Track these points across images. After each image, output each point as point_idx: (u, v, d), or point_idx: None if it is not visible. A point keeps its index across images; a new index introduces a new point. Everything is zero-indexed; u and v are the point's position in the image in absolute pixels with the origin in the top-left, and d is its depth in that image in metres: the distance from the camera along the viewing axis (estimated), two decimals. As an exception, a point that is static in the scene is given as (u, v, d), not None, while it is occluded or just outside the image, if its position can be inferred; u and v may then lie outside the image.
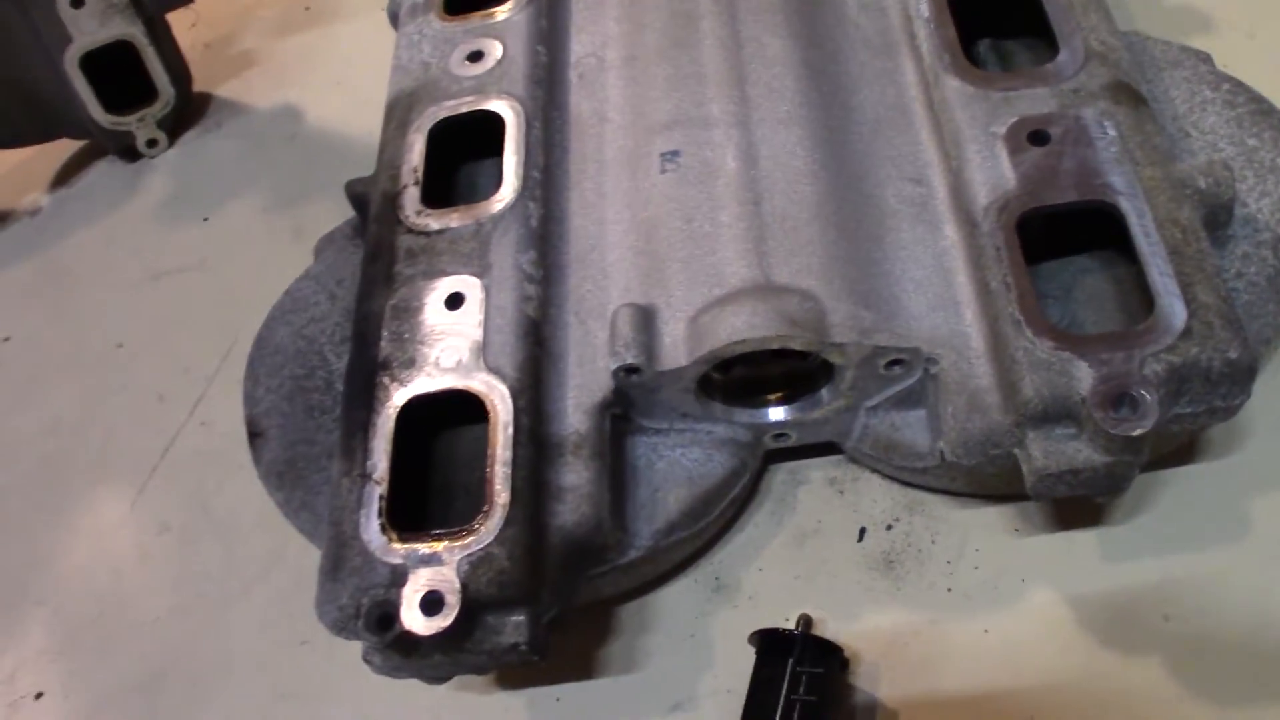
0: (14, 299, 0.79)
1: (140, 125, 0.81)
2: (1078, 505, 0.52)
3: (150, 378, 0.71)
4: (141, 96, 0.80)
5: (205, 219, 0.78)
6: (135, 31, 0.77)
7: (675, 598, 0.54)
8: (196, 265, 0.76)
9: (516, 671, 0.53)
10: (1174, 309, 0.43)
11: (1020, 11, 0.54)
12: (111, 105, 0.79)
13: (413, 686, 0.50)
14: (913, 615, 0.51)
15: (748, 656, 0.49)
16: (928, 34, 0.53)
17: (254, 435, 0.54)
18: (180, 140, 0.83)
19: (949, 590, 0.51)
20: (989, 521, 0.53)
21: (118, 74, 0.78)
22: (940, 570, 0.52)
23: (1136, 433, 0.41)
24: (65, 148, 0.86)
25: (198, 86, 0.85)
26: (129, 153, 0.83)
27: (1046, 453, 0.43)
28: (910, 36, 0.55)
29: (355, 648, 0.51)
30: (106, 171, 0.84)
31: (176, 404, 0.69)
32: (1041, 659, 0.49)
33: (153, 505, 0.66)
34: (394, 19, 0.66)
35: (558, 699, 0.52)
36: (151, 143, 0.82)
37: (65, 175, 0.85)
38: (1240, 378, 0.43)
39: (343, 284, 0.57)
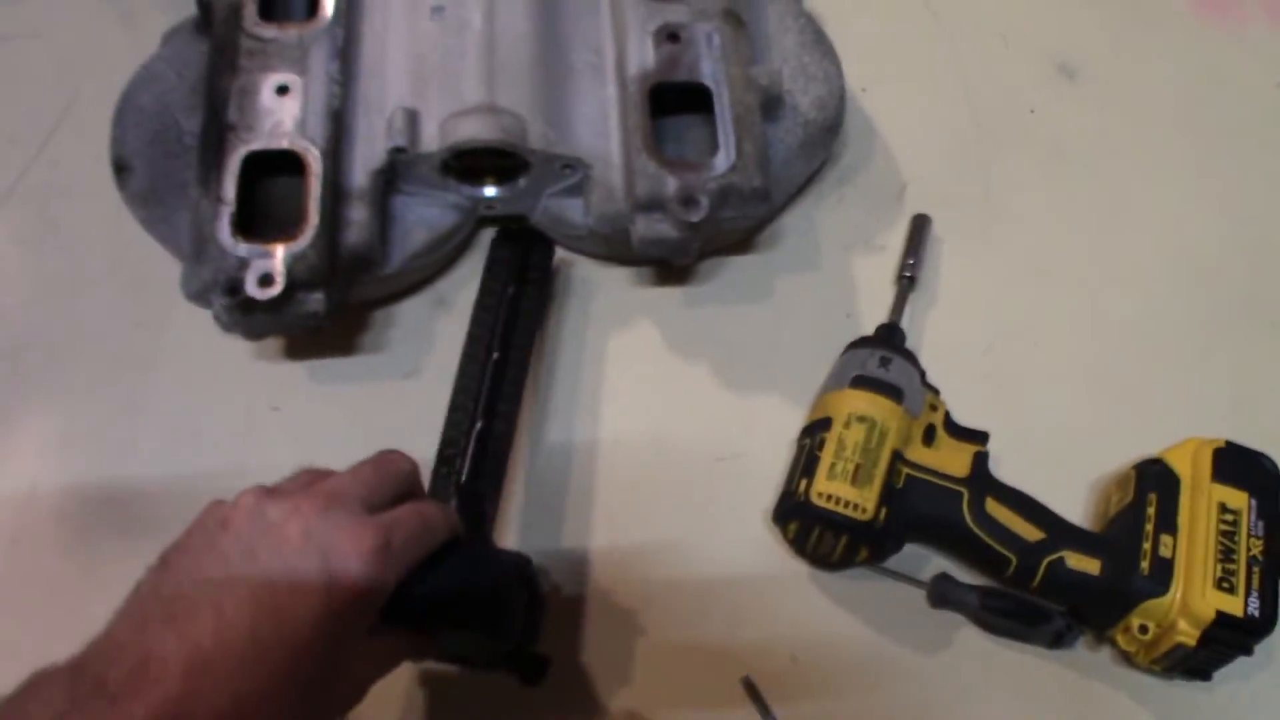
0: None
1: (-21, -98, 1.00)
2: (674, 272, 0.86)
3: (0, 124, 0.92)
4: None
5: (38, -4, 0.98)
6: None
7: (412, 308, 0.84)
8: (32, 34, 0.95)
9: (305, 343, 0.81)
10: (727, 151, 0.77)
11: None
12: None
13: (222, 353, 0.79)
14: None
15: (457, 345, 0.82)
16: (616, -48, 0.83)
17: (121, 169, 0.79)
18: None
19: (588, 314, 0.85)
20: (617, 275, 0.86)
21: None
22: (577, 294, 0.85)
23: (694, 219, 0.75)
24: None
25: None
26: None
27: (645, 228, 0.76)
28: (606, -51, 0.85)
29: (179, 330, 0.79)
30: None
31: (24, 145, 0.90)
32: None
33: (8, 225, 0.87)
34: None
35: (326, 366, 0.82)
36: (-16, -83, 1.01)
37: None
38: (760, 196, 0.77)
39: (188, 66, 0.82)
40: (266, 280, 0.71)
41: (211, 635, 0.47)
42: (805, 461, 0.74)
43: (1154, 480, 0.74)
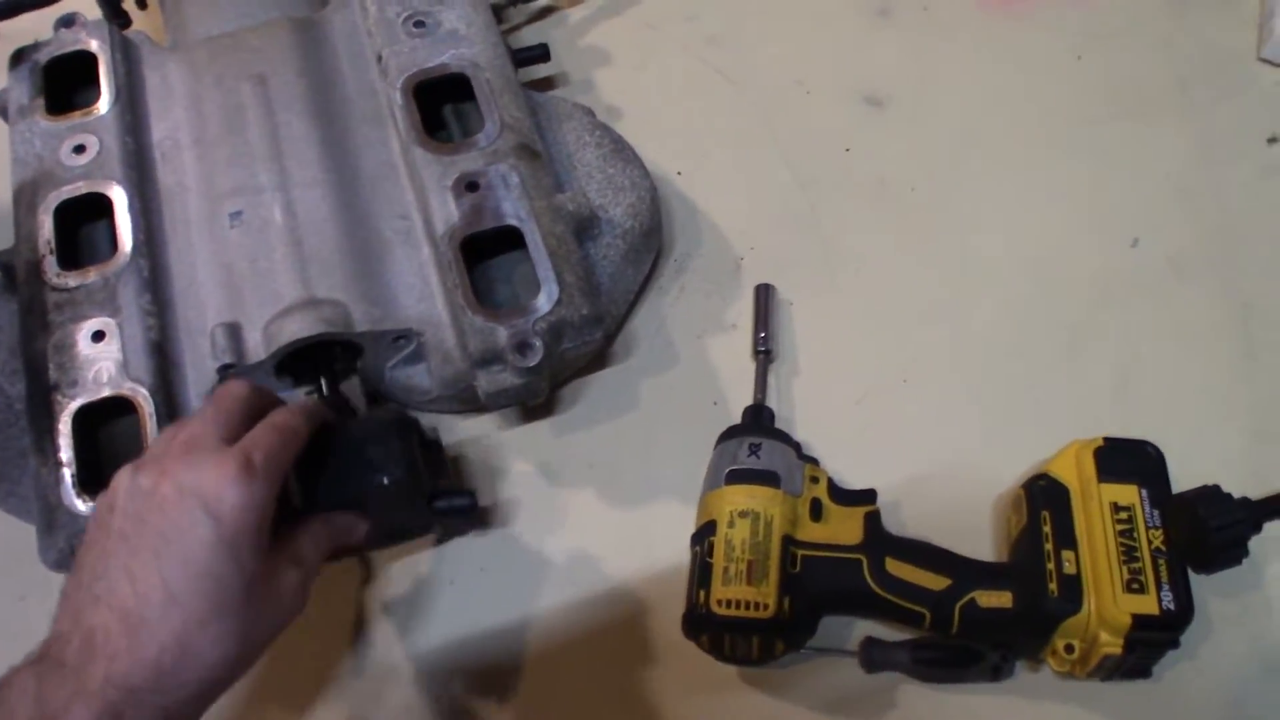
0: None
1: None
2: (537, 408, 0.86)
3: None
4: None
5: None
6: None
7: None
8: None
9: None
10: (551, 288, 0.77)
11: (465, 89, 0.87)
12: None
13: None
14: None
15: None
16: (402, 116, 0.84)
17: (-45, 450, 0.78)
18: None
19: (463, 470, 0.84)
20: (482, 424, 0.86)
21: None
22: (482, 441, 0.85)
23: (532, 364, 0.75)
24: None
25: None
26: None
27: (488, 382, 0.76)
28: (392, 115, 0.85)
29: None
30: None
31: None
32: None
33: None
34: (3, 113, 0.89)
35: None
36: None
37: None
38: (593, 322, 0.78)
39: (2, 330, 0.82)
40: (124, 536, 0.70)
41: (133, 597, 0.56)
42: (700, 570, 0.73)
43: (1043, 497, 0.75)
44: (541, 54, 0.94)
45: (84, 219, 0.84)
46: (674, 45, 1.05)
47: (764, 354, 0.86)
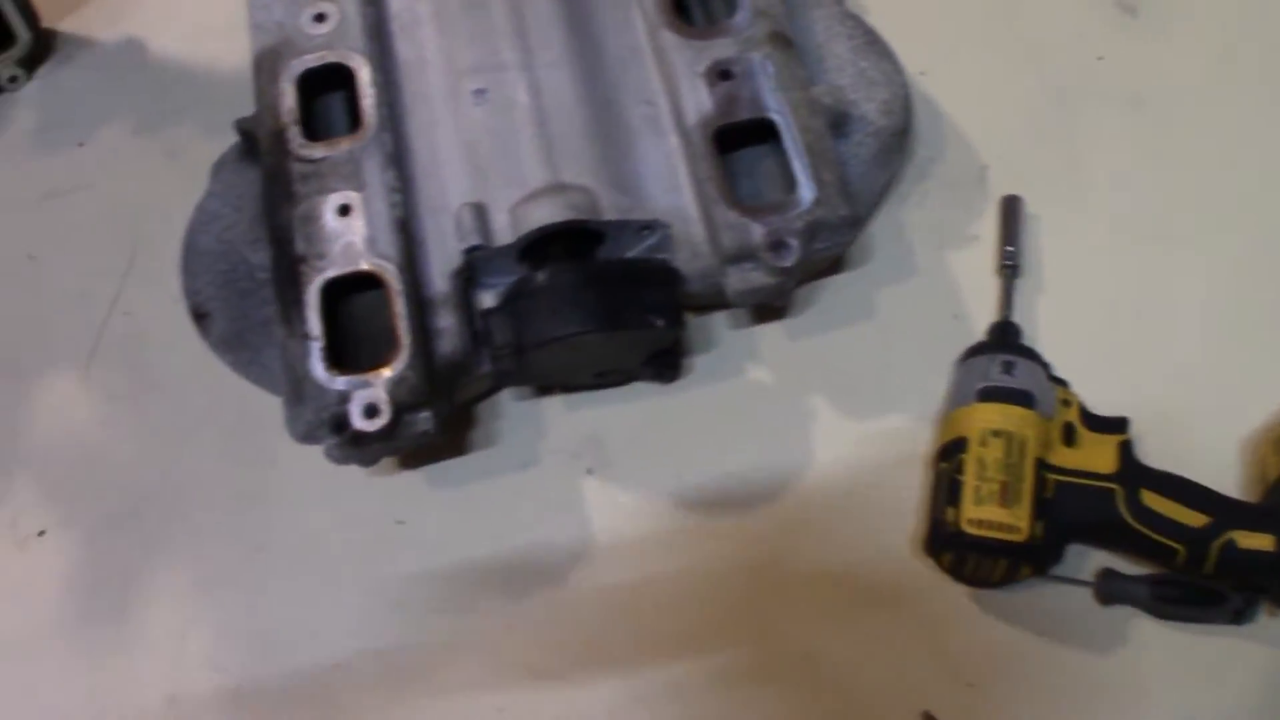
0: (-87, 224, 0.97)
1: (2, 66, 0.99)
2: (771, 308, 0.83)
3: (67, 281, 0.90)
4: (-1, 35, 0.98)
5: (80, 144, 0.96)
6: (-7, -12, 0.94)
7: (514, 394, 0.82)
8: (83, 185, 0.94)
9: (417, 454, 0.80)
10: (807, 186, 0.73)
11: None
12: (-27, 50, 0.97)
13: (338, 476, 0.78)
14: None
15: (569, 428, 0.80)
16: (650, -2, 0.80)
17: (200, 317, 0.78)
18: (37, 74, 1.00)
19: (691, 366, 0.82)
20: (712, 322, 0.83)
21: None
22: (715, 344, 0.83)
23: (788, 263, 0.72)
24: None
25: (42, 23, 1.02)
26: (-9, 88, 1.00)
27: (739, 279, 0.73)
28: (639, -3, 0.82)
29: (289, 461, 0.78)
30: (-28, 106, 1.01)
31: (97, 300, 0.89)
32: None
33: (98, 380, 0.86)
34: (241, -21, 0.87)
35: (443, 470, 0.81)
36: (13, 79, 0.99)
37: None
38: (850, 224, 0.74)
39: (243, 198, 0.80)
40: (372, 411, 0.69)
41: None
42: (948, 488, 0.71)
43: (1312, 440, 0.70)
44: (790, -63, 0.89)
45: (320, 89, 0.82)
46: (918, -64, 0.98)
47: (1010, 269, 0.82)
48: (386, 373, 0.69)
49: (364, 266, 0.72)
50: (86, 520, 0.83)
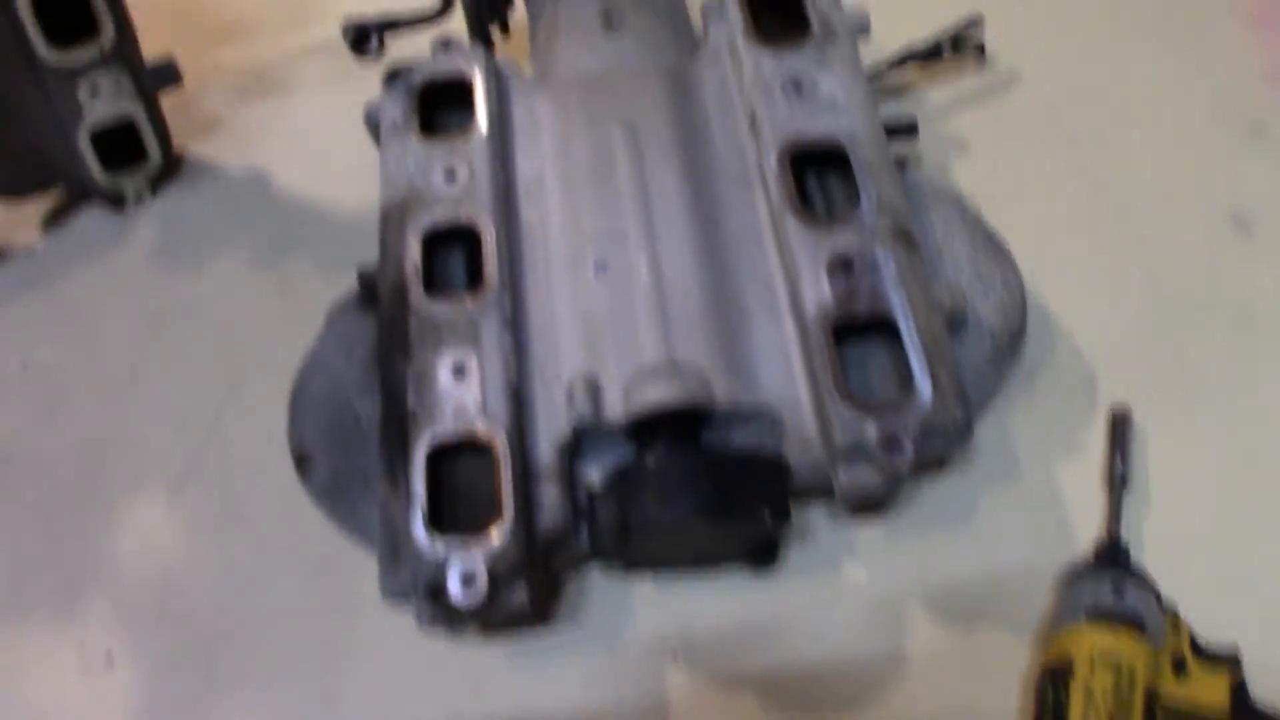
0: (24, 330, 0.97)
1: (131, 182, 1.01)
2: (873, 506, 0.82)
3: (167, 403, 0.91)
4: (131, 153, 1.00)
5: (196, 267, 0.99)
6: (137, 110, 0.97)
7: (600, 568, 0.81)
8: (194, 308, 0.96)
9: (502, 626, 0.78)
10: (925, 387, 0.73)
11: (839, 161, 0.83)
12: (107, 163, 0.99)
13: (418, 638, 0.77)
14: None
15: (658, 610, 0.78)
16: (774, 183, 0.80)
17: (302, 462, 0.78)
18: (161, 193, 1.03)
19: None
20: (819, 511, 0.82)
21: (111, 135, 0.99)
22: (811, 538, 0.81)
23: (901, 464, 0.70)
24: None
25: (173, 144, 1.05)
26: (117, 202, 1.03)
27: (848, 477, 0.72)
28: (762, 179, 0.82)
29: (370, 616, 0.77)
30: (96, 219, 1.03)
31: (195, 426, 0.89)
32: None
33: (186, 508, 0.86)
34: (373, 129, 0.89)
35: (526, 644, 0.78)
36: (139, 196, 1.02)
37: (54, 219, 1.04)
38: (964, 430, 0.73)
39: (355, 346, 0.81)
40: (469, 579, 0.68)
41: None
42: (1053, 714, 0.68)
43: None
44: (910, 128, 0.90)
45: (442, 243, 0.83)
46: (1032, 141, 1.00)
47: (1119, 483, 0.80)
48: (487, 543, 0.69)
49: (475, 430, 0.72)
50: (156, 650, 0.81)
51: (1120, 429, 0.82)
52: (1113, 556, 0.76)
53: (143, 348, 0.96)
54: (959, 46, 1.01)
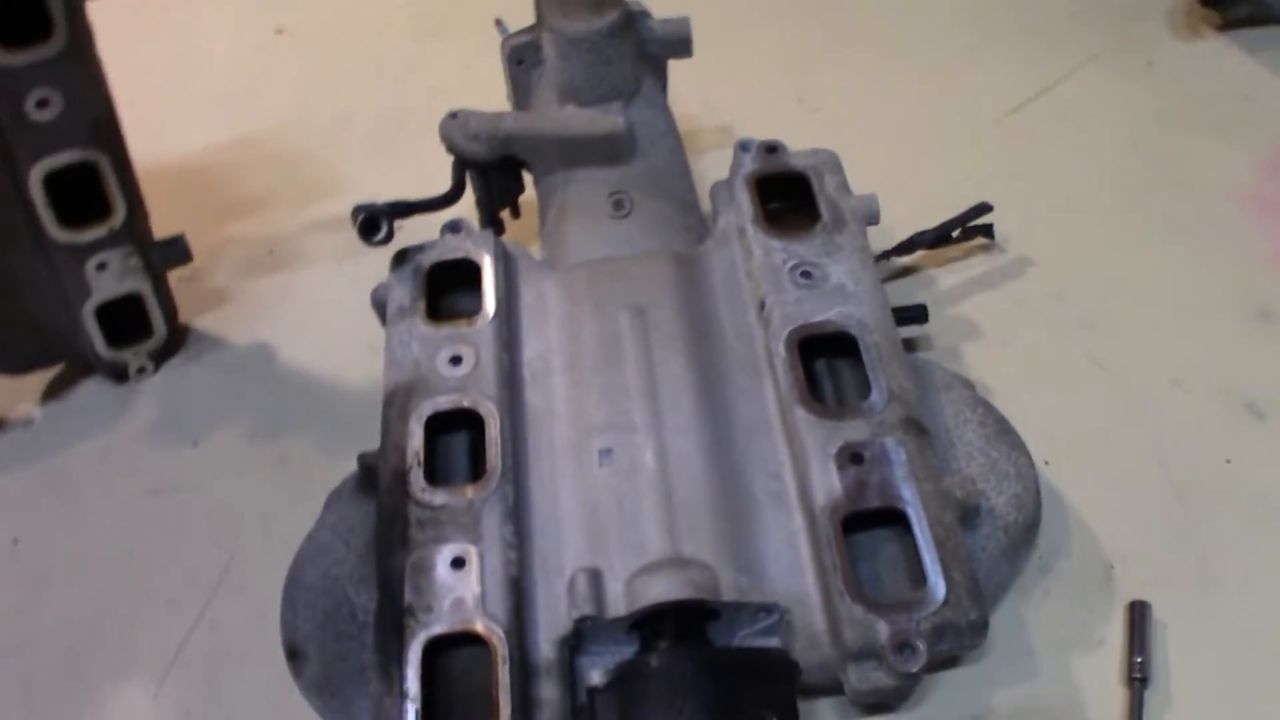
0: (18, 504, 0.97)
1: (134, 355, 1.02)
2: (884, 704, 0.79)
3: (160, 583, 0.90)
4: (135, 327, 1.01)
5: (195, 443, 0.98)
6: (144, 286, 0.98)
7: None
8: (190, 485, 0.96)
9: None
10: (938, 585, 0.71)
11: (849, 348, 0.83)
12: (111, 338, 1.00)
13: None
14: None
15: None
16: (783, 372, 0.80)
17: (294, 656, 0.76)
18: (164, 366, 1.04)
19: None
20: (820, 708, 0.79)
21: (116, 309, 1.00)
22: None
23: (913, 668, 0.69)
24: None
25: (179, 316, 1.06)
26: (119, 376, 1.03)
27: (858, 678, 0.70)
28: (770, 366, 0.82)
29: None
30: (96, 390, 1.03)
31: (186, 608, 0.88)
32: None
33: (172, 697, 0.84)
34: (379, 310, 0.90)
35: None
36: (140, 370, 1.03)
37: (54, 390, 1.04)
38: (979, 629, 0.71)
39: (354, 533, 0.80)
40: (462, 790, 0.65)
41: None
42: None
43: None
44: (919, 315, 0.91)
45: (444, 430, 0.83)
46: (1043, 324, 1.01)
47: (1139, 682, 0.78)
48: (483, 750, 0.66)
49: (473, 627, 0.70)
50: None
51: (1140, 622, 0.80)
52: (1138, 763, 0.74)
53: (137, 525, 0.95)
54: (968, 231, 1.03)
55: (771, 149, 0.95)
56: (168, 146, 1.05)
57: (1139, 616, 0.81)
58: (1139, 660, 0.79)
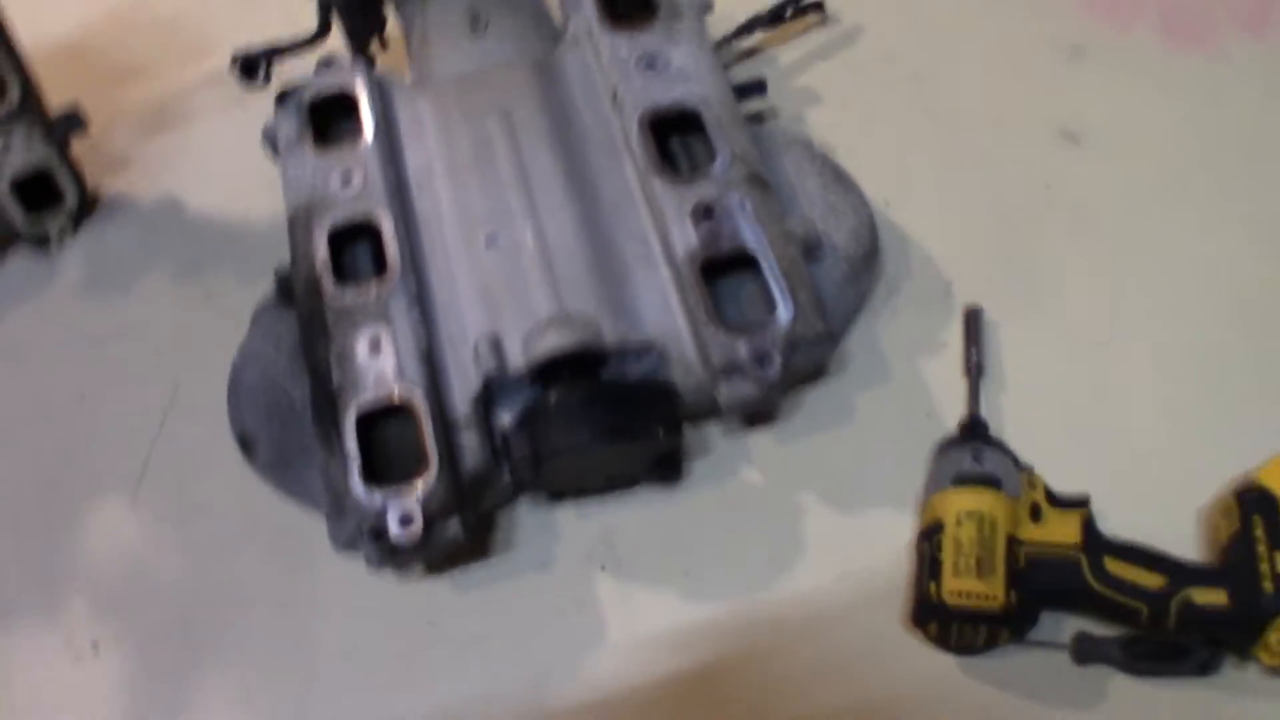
0: (-34, 367, 1.07)
1: (53, 223, 1.11)
2: (759, 416, 0.94)
3: (115, 417, 1.01)
4: (49, 197, 1.10)
5: (125, 293, 1.09)
6: (50, 156, 1.07)
7: (527, 501, 0.92)
8: (128, 329, 1.06)
9: (443, 560, 0.88)
10: (785, 307, 0.85)
11: (696, 123, 0.95)
12: (28, 208, 1.09)
13: (372, 584, 0.88)
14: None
15: (582, 531, 0.90)
16: (639, 148, 0.92)
17: (246, 445, 0.88)
18: (82, 230, 1.13)
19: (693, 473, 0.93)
20: (716, 428, 0.94)
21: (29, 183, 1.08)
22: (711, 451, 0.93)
23: (771, 375, 0.83)
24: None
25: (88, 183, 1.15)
26: (41, 244, 1.12)
27: (728, 391, 0.84)
28: (628, 147, 0.94)
29: (327, 572, 0.88)
30: (22, 262, 1.12)
31: (143, 433, 0.99)
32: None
33: (146, 503, 0.95)
34: (271, 145, 1.00)
35: (467, 574, 0.89)
36: (61, 235, 1.12)
37: (-18, 266, 1.14)
38: (826, 339, 0.85)
39: (281, 339, 0.91)
40: (406, 520, 0.79)
41: None
42: (929, 565, 0.80)
43: (1255, 505, 0.80)
44: (759, 88, 1.03)
45: (347, 240, 0.94)
46: (877, 84, 1.13)
47: (975, 370, 0.93)
48: (418, 486, 0.80)
49: (394, 394, 0.83)
50: (137, 632, 0.91)
51: (974, 324, 0.95)
52: (973, 431, 0.89)
53: (85, 371, 1.05)
54: (801, 9, 1.14)
55: (607, -46, 1.05)
56: (43, 29, 1.11)
57: (972, 318, 0.96)
58: (974, 353, 0.94)
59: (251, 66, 1.06)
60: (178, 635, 0.91)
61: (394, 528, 0.79)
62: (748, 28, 1.13)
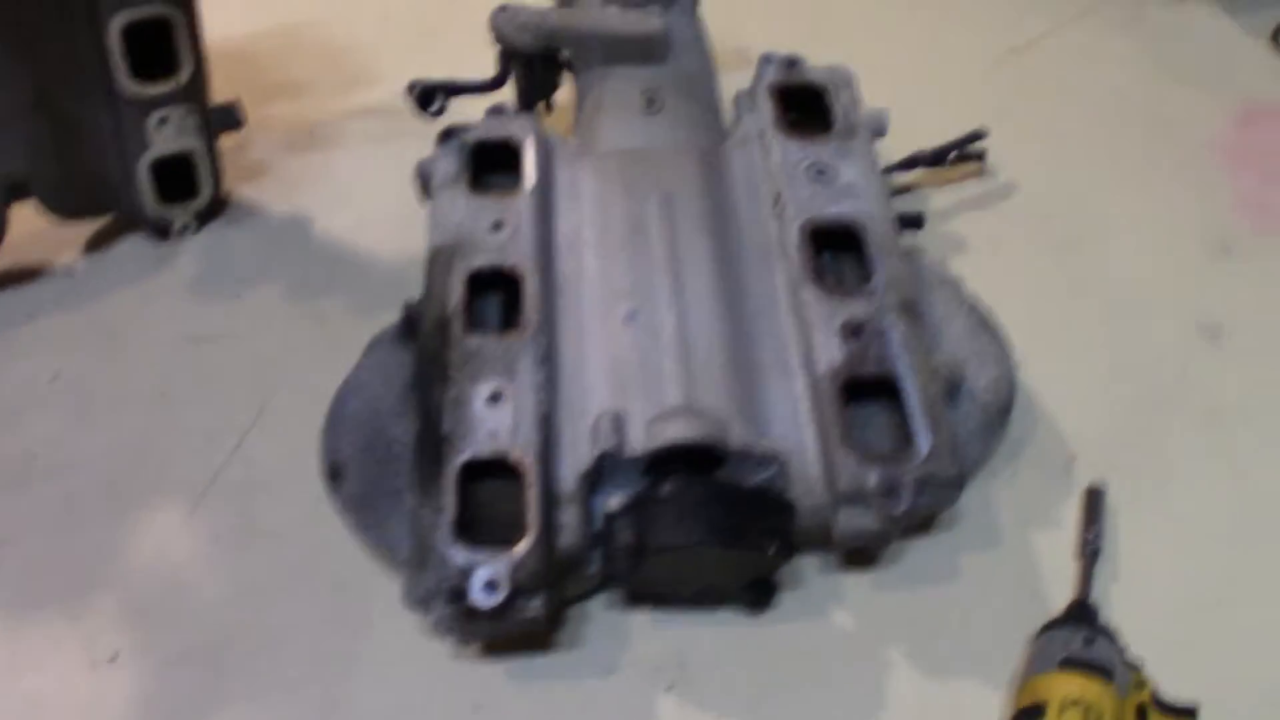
0: (58, 343, 1.04)
1: (180, 214, 1.10)
2: (860, 556, 0.90)
3: (194, 422, 0.97)
4: (183, 187, 1.09)
5: (234, 298, 1.07)
6: (198, 146, 1.06)
7: (604, 603, 0.87)
8: (228, 335, 1.04)
9: (503, 641, 0.83)
10: (924, 441, 0.81)
11: (851, 243, 0.93)
12: (160, 194, 1.08)
13: (422, 653, 0.83)
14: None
15: (654, 642, 0.85)
16: (797, 256, 0.91)
17: (334, 475, 0.85)
18: (206, 229, 1.12)
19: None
20: (810, 562, 0.89)
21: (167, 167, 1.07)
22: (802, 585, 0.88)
23: (897, 510, 0.79)
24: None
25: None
26: (162, 233, 1.11)
27: (847, 520, 0.80)
28: (783, 252, 0.92)
29: (379, 631, 0.84)
30: (138, 245, 1.11)
31: (220, 444, 0.96)
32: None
33: (205, 520, 0.91)
34: (423, 182, 0.98)
35: (524, 664, 0.84)
36: (184, 227, 1.11)
37: (97, 243, 1.12)
38: (956, 484, 0.82)
39: (392, 375, 0.89)
40: (491, 587, 0.75)
41: None
42: (1025, 753, 0.75)
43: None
44: (917, 222, 1.02)
45: (480, 294, 0.92)
46: (1025, 242, 1.12)
47: (1091, 553, 0.88)
48: (512, 554, 0.76)
49: (507, 452, 0.80)
50: (162, 650, 0.85)
51: (1096, 503, 0.91)
52: (1083, 614, 0.84)
53: (174, 368, 1.02)
54: (963, 155, 1.13)
55: (792, 63, 1.06)
56: (214, 30, 1.11)
57: (1094, 498, 0.92)
58: (1091, 535, 0.89)
59: (428, 97, 1.07)
60: (204, 663, 0.85)
61: (477, 591, 0.75)
62: (910, 163, 1.12)
